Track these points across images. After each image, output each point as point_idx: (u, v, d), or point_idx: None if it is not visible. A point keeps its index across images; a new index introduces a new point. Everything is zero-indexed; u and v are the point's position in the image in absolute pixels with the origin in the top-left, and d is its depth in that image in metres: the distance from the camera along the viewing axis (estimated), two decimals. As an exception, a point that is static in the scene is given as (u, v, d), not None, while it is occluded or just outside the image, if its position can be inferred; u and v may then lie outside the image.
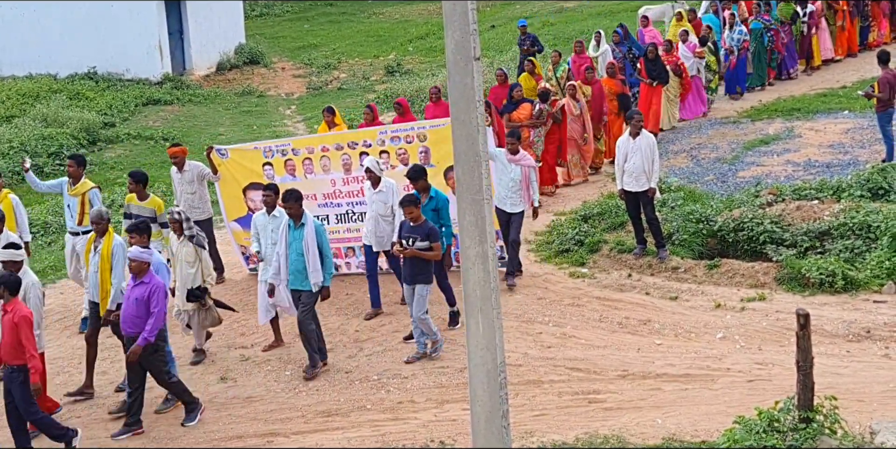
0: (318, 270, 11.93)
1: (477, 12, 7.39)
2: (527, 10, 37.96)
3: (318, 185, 14.81)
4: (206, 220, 14.79)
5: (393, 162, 14.44)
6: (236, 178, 15.20)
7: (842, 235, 14.33)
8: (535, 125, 17.77)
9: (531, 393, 11.20)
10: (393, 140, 14.49)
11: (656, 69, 20.52)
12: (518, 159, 14.08)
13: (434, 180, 13.73)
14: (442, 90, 19.05)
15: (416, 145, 14.36)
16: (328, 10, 41.77)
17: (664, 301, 13.53)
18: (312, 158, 14.81)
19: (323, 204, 14.88)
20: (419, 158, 14.27)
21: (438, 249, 12.18)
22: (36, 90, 28.03)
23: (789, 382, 9.28)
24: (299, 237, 11.94)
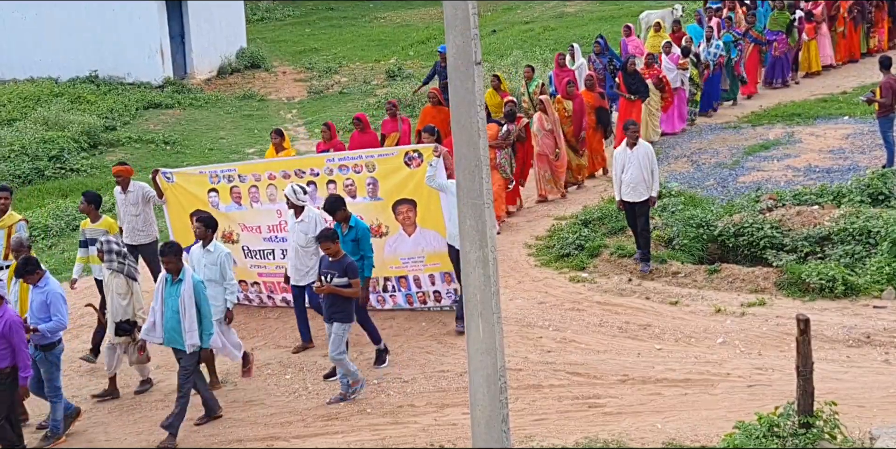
0: (193, 331, 10.94)
1: (478, 17, 7.41)
2: (528, 15, 37.99)
3: (264, 215, 14.08)
4: (149, 243, 14.19)
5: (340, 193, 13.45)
6: (182, 203, 14.55)
7: (842, 241, 14.33)
8: (501, 146, 16.89)
9: (531, 397, 11.20)
10: (341, 169, 13.71)
11: (635, 83, 19.98)
12: None
13: (382, 214, 13.47)
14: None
15: (364, 176, 13.57)
16: (329, 15, 41.81)
17: (664, 306, 13.52)
18: (259, 186, 14.11)
19: (268, 237, 14.15)
20: (366, 191, 13.56)
21: (357, 285, 11.50)
22: (37, 94, 28.06)
23: (789, 387, 9.28)
24: (175, 294, 10.99)
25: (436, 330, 13.35)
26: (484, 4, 38.52)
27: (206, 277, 11.74)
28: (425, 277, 13.62)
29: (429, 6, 41.29)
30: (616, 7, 37.10)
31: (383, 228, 13.57)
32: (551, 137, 17.82)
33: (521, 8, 39.91)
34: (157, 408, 11.93)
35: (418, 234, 13.47)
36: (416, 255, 13.53)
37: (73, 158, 23.32)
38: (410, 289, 13.73)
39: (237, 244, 14.34)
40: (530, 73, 20.49)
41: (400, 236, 13.55)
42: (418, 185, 13.21)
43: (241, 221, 14.30)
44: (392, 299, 13.89)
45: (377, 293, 13.78)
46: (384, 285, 13.80)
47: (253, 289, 14.57)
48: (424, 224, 13.40)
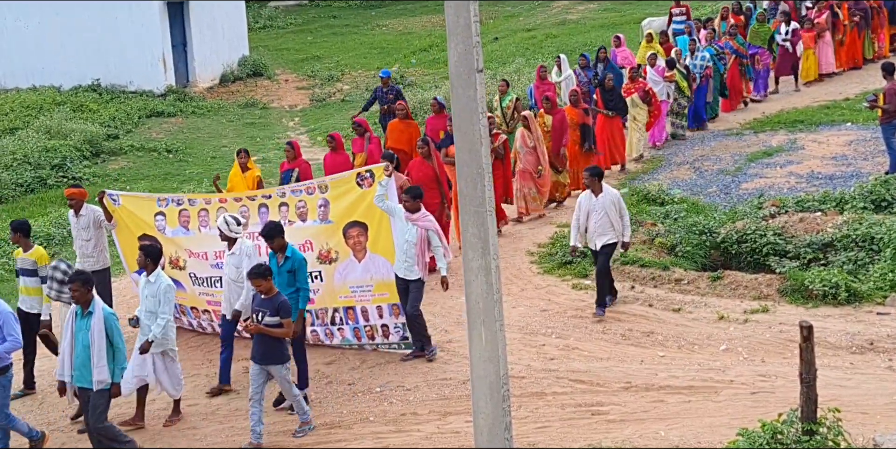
0: (103, 367, 10.19)
1: (480, 24, 7.41)
2: (530, 23, 38.03)
3: (212, 240, 13.07)
4: (101, 270, 13.55)
5: (291, 217, 13.09)
6: (129, 227, 14.00)
7: (845, 247, 14.33)
8: None
9: (534, 405, 11.19)
10: (294, 191, 13.19)
11: (613, 99, 19.67)
12: (416, 219, 12.53)
13: (333, 238, 12.87)
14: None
15: (316, 197, 12.98)
16: (331, 23, 41.86)
17: (667, 313, 13.51)
18: (209, 209, 13.51)
19: (215, 264, 13.30)
20: (318, 213, 12.97)
21: (289, 325, 10.82)
22: (39, 102, 28.09)
23: (793, 394, 9.27)
24: (85, 327, 10.24)
25: (438, 337, 13.33)
26: (486, 12, 38.56)
27: (146, 308, 11.34)
28: (373, 309, 12.89)
29: (431, 14, 41.34)
30: (618, 14, 37.14)
31: (333, 253, 12.92)
32: (534, 155, 17.28)
33: (522, 15, 39.97)
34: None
35: (368, 259, 12.81)
36: (365, 283, 12.84)
37: (75, 167, 23.35)
38: (358, 322, 13.00)
39: (184, 271, 13.71)
40: (505, 87, 19.92)
41: (350, 263, 12.86)
42: (370, 207, 12.66)
43: (188, 247, 13.67)
44: (340, 333, 13.15)
45: (325, 326, 13.15)
46: (332, 317, 13.11)
47: (204, 316, 13.88)
48: (375, 249, 12.77)
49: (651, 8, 36.57)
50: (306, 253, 12.65)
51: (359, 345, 13.12)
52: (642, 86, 20.26)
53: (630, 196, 17.95)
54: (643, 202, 17.53)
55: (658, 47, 23.26)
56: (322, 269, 12.89)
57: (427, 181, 15.22)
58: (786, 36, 24.44)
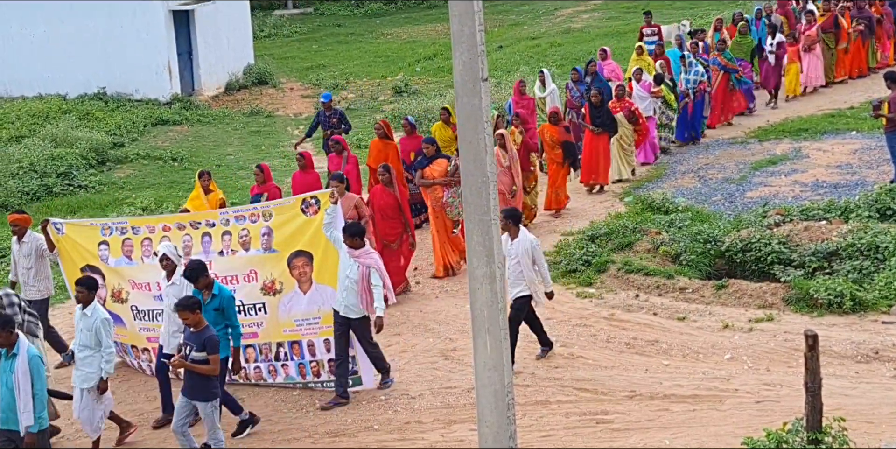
0: (29, 412, 9.76)
1: (485, 33, 7.43)
2: (534, 31, 38.08)
3: (155, 271, 12.43)
4: (40, 300, 13.26)
5: (234, 246, 12.47)
6: (73, 257, 13.34)
7: (850, 256, 14.32)
8: (450, 184, 15.64)
9: (538, 413, 11.18)
10: (238, 219, 12.51)
11: (600, 116, 19.04)
12: (358, 255, 11.84)
13: (277, 268, 12.27)
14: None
15: (259, 225, 12.38)
16: (336, 31, 41.93)
17: (672, 321, 13.50)
18: (153, 239, 12.84)
19: (158, 296, 12.52)
20: (261, 242, 12.33)
21: (216, 362, 10.36)
22: (45, 110, 28.13)
23: (797, 403, 9.26)
24: (9, 369, 9.85)
25: (443, 346, 13.34)
26: (490, 20, 38.62)
27: (81, 342, 10.97)
28: (320, 343, 12.28)
29: (435, 22, 41.41)
30: (622, 23, 37.17)
31: (277, 284, 12.29)
32: (508, 174, 16.39)
33: (527, 24, 40.02)
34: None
35: (314, 290, 12.21)
36: (312, 315, 12.25)
37: (81, 175, 23.37)
38: (304, 357, 12.39)
39: (126, 304, 13.03)
40: None
41: (295, 294, 12.26)
42: (315, 235, 12.13)
43: (131, 278, 12.97)
44: (284, 370, 12.50)
45: (269, 362, 12.52)
46: (276, 353, 12.48)
47: (144, 356, 13.13)
48: (321, 279, 12.18)
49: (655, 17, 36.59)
50: (250, 284, 12.28)
51: (303, 383, 12.47)
52: (628, 105, 19.63)
53: (634, 204, 17.98)
54: (647, 211, 17.53)
55: (649, 59, 22.86)
56: (266, 301, 12.30)
57: (388, 209, 14.93)
58: (771, 48, 24.00)
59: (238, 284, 12.29)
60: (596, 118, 19.11)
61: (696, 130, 22.03)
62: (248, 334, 12.04)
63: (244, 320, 11.85)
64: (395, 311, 14.51)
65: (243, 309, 12.17)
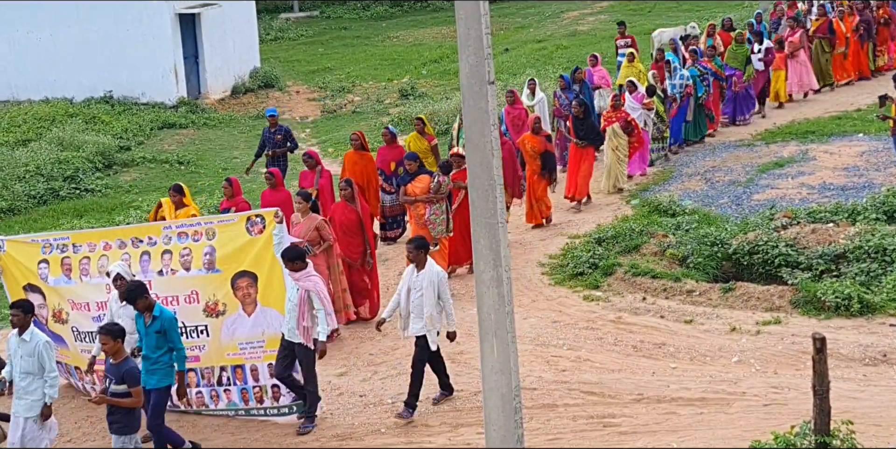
0: None
1: (491, 36, 7.43)
2: (540, 34, 38.09)
3: (93, 290, 12.32)
4: None
5: (174, 265, 12.02)
6: (15, 276, 12.95)
7: (857, 259, 14.28)
8: (432, 201, 15.01)
9: (546, 417, 11.17)
10: (179, 237, 12.06)
11: (584, 128, 18.47)
12: (298, 278, 11.31)
13: (220, 289, 11.83)
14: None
15: (202, 244, 11.94)
16: (342, 34, 41.96)
17: (679, 324, 13.48)
18: (91, 257, 12.44)
19: (96, 317, 12.22)
20: (203, 261, 11.90)
21: (138, 394, 9.87)
22: (52, 114, 28.20)
23: (805, 406, 9.24)
24: None
25: (450, 349, 13.32)
26: (496, 23, 38.61)
27: (23, 369, 10.49)
28: (264, 368, 11.83)
29: (441, 25, 41.43)
30: (629, 25, 37.08)
31: (220, 305, 11.87)
32: None
33: (533, 26, 40.02)
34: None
35: (259, 313, 11.75)
36: (256, 338, 11.81)
37: (87, 179, 23.42)
38: (247, 382, 11.94)
39: (66, 324, 12.65)
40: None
41: (239, 316, 11.81)
42: (259, 255, 11.69)
43: (70, 298, 12.59)
44: (227, 395, 12.07)
45: (211, 387, 12.11)
46: (219, 377, 12.06)
47: (87, 377, 12.60)
48: (266, 301, 11.72)
49: (662, 19, 36.63)
50: (191, 305, 11.90)
51: (245, 410, 12.06)
52: (624, 115, 19.08)
53: (641, 207, 17.95)
54: (654, 213, 17.50)
55: (640, 67, 22.52)
56: (208, 323, 11.90)
57: (350, 226, 14.45)
58: (759, 55, 23.50)
59: (179, 306, 11.86)
60: (580, 131, 18.55)
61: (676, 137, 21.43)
62: (191, 358, 11.62)
63: (186, 343, 11.41)
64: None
65: (185, 331, 11.73)
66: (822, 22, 25.36)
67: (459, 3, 7.36)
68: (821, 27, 25.35)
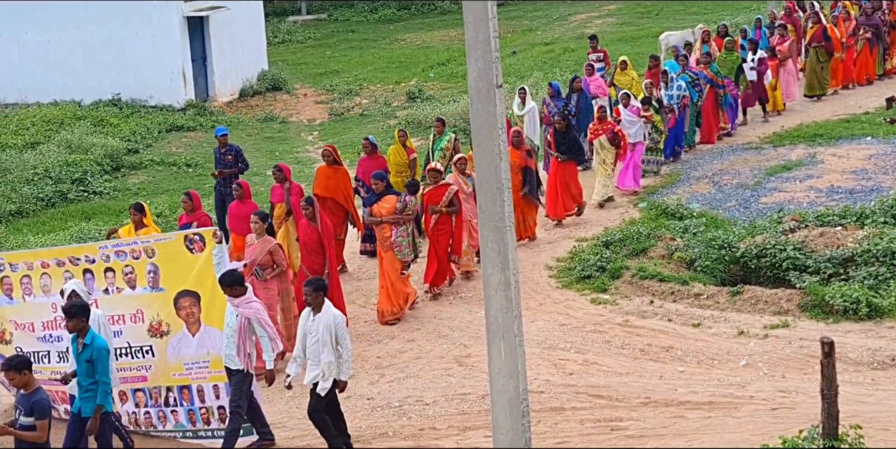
0: None
1: (499, 39, 7.43)
2: (548, 37, 38.09)
3: (38, 310, 12.07)
4: None
5: (119, 283, 11.83)
6: None
7: (865, 262, 14.26)
8: (399, 222, 14.47)
9: (553, 420, 11.16)
10: (119, 255, 11.84)
11: (566, 142, 17.74)
12: (237, 305, 10.80)
13: (164, 309, 11.64)
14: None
15: (143, 261, 11.71)
16: (350, 37, 42.01)
17: (687, 328, 13.47)
18: (31, 276, 12.22)
19: (42, 337, 12.09)
20: (147, 280, 11.70)
21: (43, 429, 9.24)
22: (60, 117, 28.27)
23: (813, 410, 9.23)
24: None
25: (457, 352, 13.33)
26: (504, 26, 38.64)
27: None
28: (209, 389, 11.58)
29: (449, 28, 41.45)
30: (636, 28, 37.17)
31: (164, 325, 11.69)
32: (472, 201, 15.13)
33: (541, 29, 40.02)
34: None
35: (203, 332, 11.53)
36: (201, 359, 11.58)
37: (95, 181, 23.47)
38: (193, 403, 11.72)
39: (10, 345, 12.43)
40: (441, 127, 17.93)
41: (184, 336, 11.62)
42: (201, 274, 11.46)
43: (13, 318, 12.37)
44: (174, 416, 11.86)
45: (158, 407, 11.90)
46: (166, 398, 11.84)
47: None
48: (209, 321, 11.46)
49: (669, 22, 36.62)
50: (136, 324, 11.75)
51: (193, 432, 11.82)
52: (611, 127, 18.41)
53: (649, 210, 17.93)
54: (662, 216, 17.49)
55: (633, 74, 22.20)
56: (153, 343, 11.74)
57: (312, 244, 13.96)
58: (752, 64, 23.04)
59: (125, 325, 11.75)
60: (561, 145, 17.80)
61: (679, 145, 21.13)
62: (138, 378, 11.66)
63: (132, 363, 11.39)
64: (409, 317, 14.54)
65: (130, 351, 11.68)
66: (817, 29, 24.86)
67: (467, 6, 7.37)
68: (815, 35, 24.84)
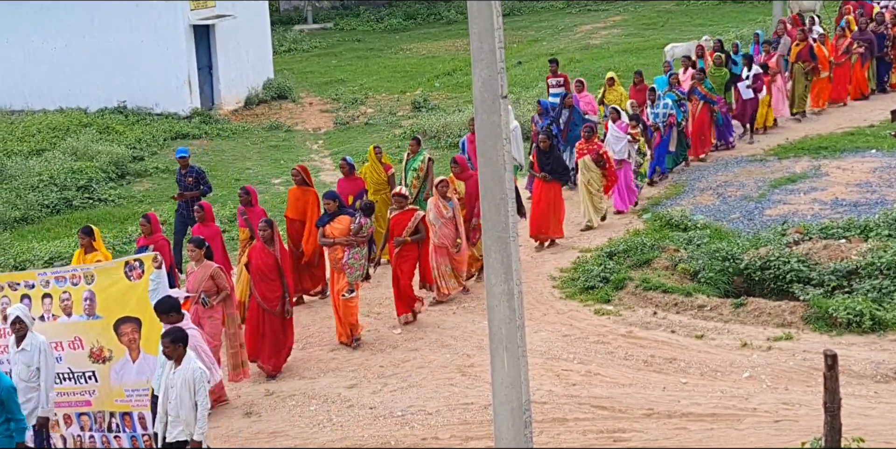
0: None
1: (504, 49, 7.45)
2: (553, 47, 38.13)
3: None
4: None
5: (55, 311, 11.66)
6: None
7: (869, 275, 14.25)
8: (352, 244, 13.95)
9: (556, 431, 11.15)
10: (58, 281, 11.70)
11: (550, 162, 17.18)
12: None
13: (104, 335, 11.49)
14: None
15: (81, 288, 11.63)
16: (356, 46, 42.10)
17: (690, 339, 13.46)
18: None
19: None
20: (83, 307, 11.59)
21: None
22: (66, 124, 28.32)
23: (816, 422, 9.22)
24: None
25: (460, 362, 13.33)
26: (509, 36, 38.67)
27: None
28: (149, 416, 11.30)
29: (454, 38, 41.52)
30: (642, 39, 37.21)
31: (105, 351, 11.54)
32: (451, 226, 15.11)
33: (546, 40, 40.08)
34: None
35: (142, 360, 11.40)
36: (141, 386, 11.41)
37: (101, 188, 23.51)
38: (136, 430, 11.56)
39: None
40: (415, 146, 17.47)
41: (126, 362, 11.48)
42: (141, 300, 11.35)
43: None
44: (117, 442, 11.69)
45: (102, 432, 11.75)
46: (109, 423, 11.69)
47: None
48: (149, 348, 11.30)
49: (674, 33, 36.66)
50: (76, 351, 11.58)
51: None
52: (596, 147, 17.85)
53: (653, 221, 17.93)
54: (666, 228, 17.49)
55: (621, 90, 21.93)
56: (96, 368, 11.59)
57: (267, 270, 13.30)
58: (748, 81, 22.58)
59: (64, 352, 11.59)
60: (545, 165, 17.20)
61: (661, 166, 20.62)
62: (82, 402, 11.59)
63: (75, 388, 11.34)
64: (412, 326, 14.55)
65: (73, 376, 11.57)
66: (803, 47, 24.48)
67: (473, 16, 7.39)
68: (801, 52, 24.47)
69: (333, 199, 14.29)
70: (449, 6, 47.17)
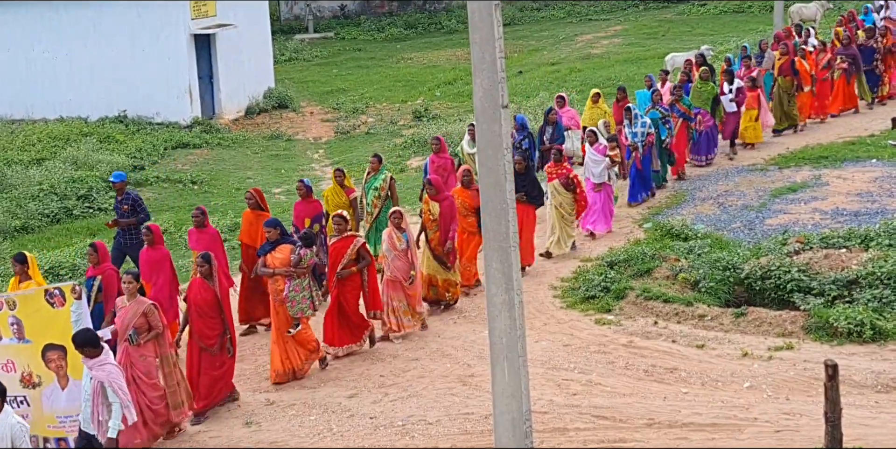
0: None
1: (505, 59, 7.46)
2: (554, 57, 38.19)
3: None
4: None
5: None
6: None
7: (870, 285, 14.24)
8: (291, 275, 13.33)
9: (556, 441, 11.13)
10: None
11: (525, 185, 16.24)
12: (90, 367, 10.46)
13: (33, 360, 11.43)
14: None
15: (5, 313, 11.51)
16: (357, 56, 42.17)
17: (691, 349, 13.45)
18: None
19: None
20: (12, 331, 11.53)
21: None
22: (66, 133, 28.37)
23: (817, 432, 9.21)
24: None
25: (461, 371, 13.31)
26: (510, 46, 38.75)
27: None
28: None
29: (455, 47, 41.60)
30: (643, 49, 37.25)
31: (35, 377, 11.48)
32: (405, 258, 14.42)
33: (547, 49, 40.13)
34: None
35: (72, 387, 11.35)
36: (73, 413, 11.29)
37: (101, 198, 23.51)
38: None
39: None
40: (377, 164, 16.96)
41: (55, 388, 11.44)
42: (65, 329, 11.24)
43: None
44: None
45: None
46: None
47: None
48: (77, 375, 11.23)
49: (675, 43, 36.72)
50: (9, 374, 11.47)
51: None
52: (566, 171, 17.36)
53: (653, 231, 17.93)
54: (666, 237, 17.48)
55: (605, 108, 21.61)
56: (27, 393, 11.53)
57: (205, 306, 12.51)
58: (731, 95, 22.30)
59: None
60: (520, 186, 15.05)
61: (646, 188, 20.08)
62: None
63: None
64: (413, 336, 14.54)
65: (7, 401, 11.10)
66: (785, 61, 24.13)
67: (474, 26, 7.40)
68: (783, 66, 24.17)
69: (275, 227, 13.63)
70: (450, 16, 47.33)
